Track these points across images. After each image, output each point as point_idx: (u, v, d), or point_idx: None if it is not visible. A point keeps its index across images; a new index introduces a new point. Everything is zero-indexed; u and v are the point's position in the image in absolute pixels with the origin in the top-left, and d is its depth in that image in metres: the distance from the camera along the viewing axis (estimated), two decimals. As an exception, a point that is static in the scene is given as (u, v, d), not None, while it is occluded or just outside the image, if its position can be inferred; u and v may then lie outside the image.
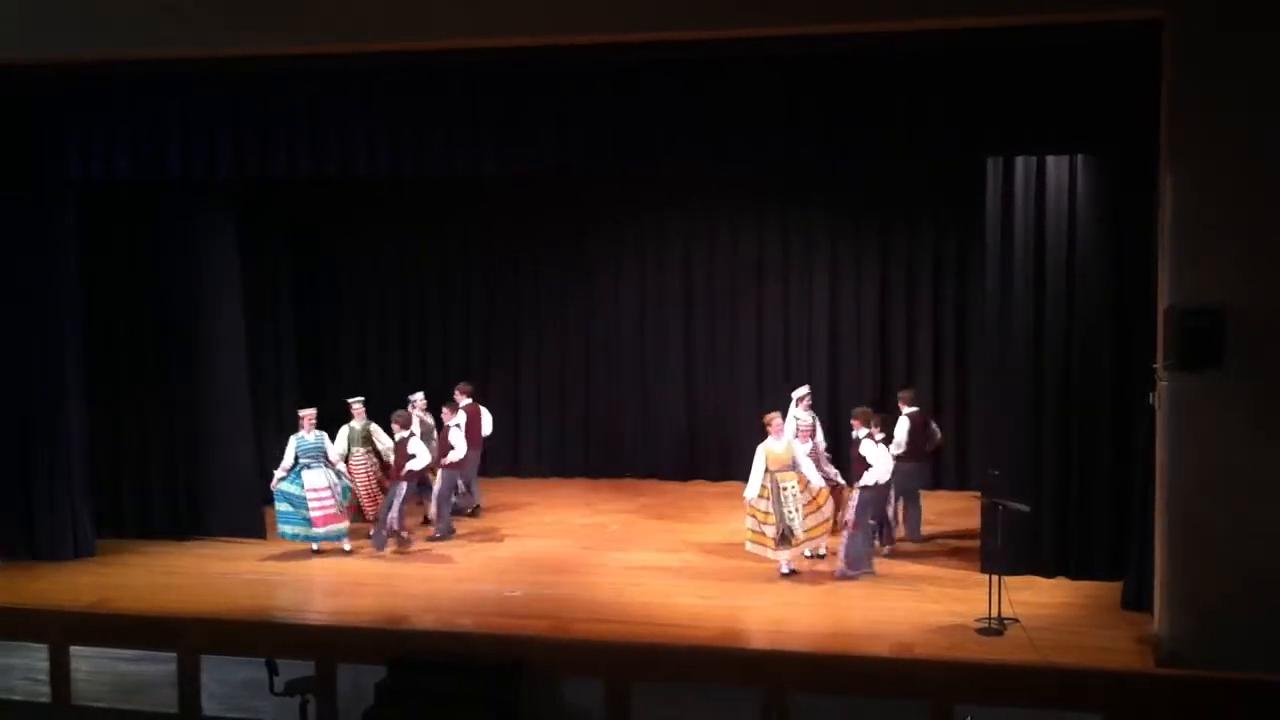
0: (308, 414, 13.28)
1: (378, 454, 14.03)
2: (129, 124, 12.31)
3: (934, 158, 12.93)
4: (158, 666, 10.87)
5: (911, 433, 13.09)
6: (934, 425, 13.86)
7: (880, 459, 12.01)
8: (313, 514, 12.95)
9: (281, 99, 11.96)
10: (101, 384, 13.68)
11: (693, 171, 14.93)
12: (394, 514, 13.05)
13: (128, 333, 13.87)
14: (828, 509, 12.19)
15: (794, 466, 12.00)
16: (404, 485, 13.17)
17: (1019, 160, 11.82)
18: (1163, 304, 9.71)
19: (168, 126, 12.17)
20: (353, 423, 14.02)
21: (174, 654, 10.83)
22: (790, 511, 11.86)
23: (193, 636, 10.86)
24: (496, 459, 17.06)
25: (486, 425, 14.73)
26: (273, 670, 9.84)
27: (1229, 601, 9.48)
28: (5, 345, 13.00)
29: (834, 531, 12.35)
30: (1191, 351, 9.43)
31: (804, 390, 13.86)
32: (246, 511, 13.90)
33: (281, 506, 13.04)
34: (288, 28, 10.81)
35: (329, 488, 13.03)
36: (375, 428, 14.10)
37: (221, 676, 10.75)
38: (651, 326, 17.03)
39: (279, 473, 13.03)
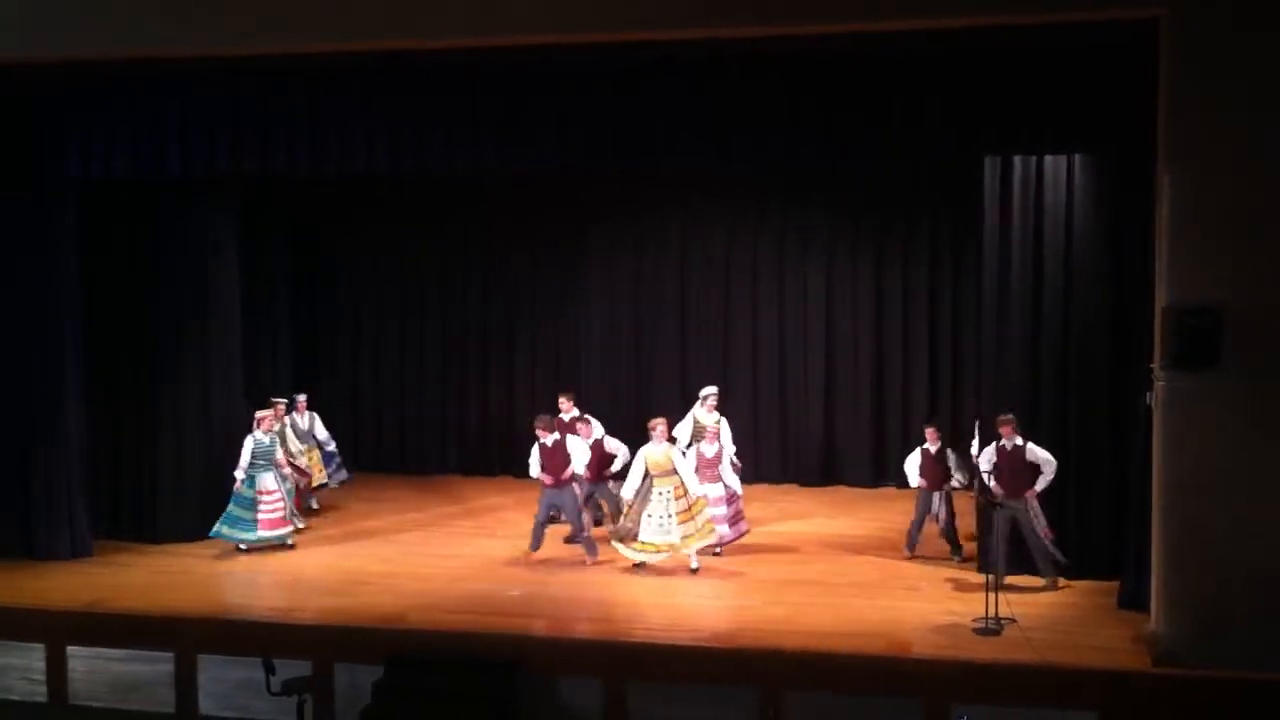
0: (265, 415, 13.31)
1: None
2: (128, 123, 12.30)
3: (932, 157, 12.94)
4: (154, 666, 10.86)
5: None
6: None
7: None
8: (260, 516, 13.03)
9: (281, 98, 11.95)
10: (101, 384, 13.69)
11: (692, 171, 14.93)
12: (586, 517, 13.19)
13: (128, 333, 13.86)
14: (702, 517, 12.15)
15: (673, 472, 12.16)
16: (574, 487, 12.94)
17: (1017, 160, 11.83)
18: (1160, 303, 9.70)
19: (167, 125, 12.16)
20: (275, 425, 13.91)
21: (171, 654, 10.83)
22: (661, 515, 12.05)
23: (190, 636, 10.85)
24: (496, 459, 17.12)
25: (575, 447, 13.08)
26: (269, 670, 9.82)
27: (1226, 601, 9.48)
28: (5, 345, 13.02)
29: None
30: (1189, 351, 9.42)
31: (711, 390, 13.87)
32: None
33: (230, 507, 13.09)
34: (287, 27, 10.80)
35: (277, 491, 13.11)
36: (288, 430, 14.24)
37: (218, 676, 10.74)
38: (650, 326, 17.02)
39: (239, 474, 13.05)
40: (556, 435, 12.82)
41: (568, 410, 13.93)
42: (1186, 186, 9.55)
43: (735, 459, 13.34)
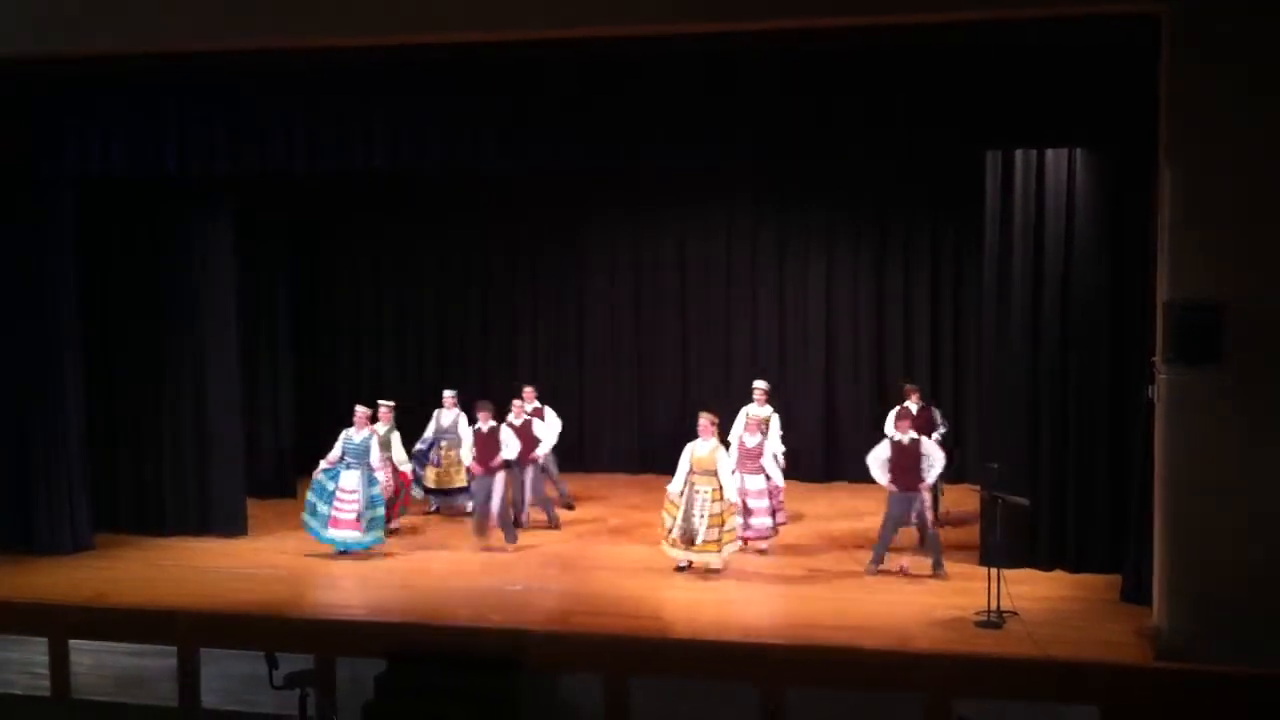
0: (362, 412, 13.03)
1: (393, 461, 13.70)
2: (126, 120, 12.25)
3: (933, 153, 12.95)
4: (157, 660, 10.87)
5: None
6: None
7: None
8: (333, 514, 12.66)
9: (279, 96, 11.93)
10: (99, 381, 13.70)
11: (692, 169, 14.95)
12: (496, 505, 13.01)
13: (126, 331, 13.86)
14: (728, 525, 11.89)
15: (714, 473, 11.90)
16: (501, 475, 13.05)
17: (1018, 155, 11.87)
18: (1161, 299, 9.73)
19: (165, 123, 12.11)
20: (378, 426, 13.56)
21: (173, 647, 10.83)
22: (697, 516, 11.81)
23: (192, 630, 10.85)
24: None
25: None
26: (272, 664, 9.82)
27: (1227, 595, 9.49)
28: (4, 343, 13.02)
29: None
30: (1189, 346, 9.45)
31: (761, 384, 13.97)
32: (233, 510, 13.87)
33: (309, 497, 12.79)
34: (286, 24, 10.80)
35: (356, 492, 12.66)
36: (395, 437, 13.84)
37: (221, 670, 10.74)
38: (649, 324, 17.07)
39: (323, 464, 12.80)
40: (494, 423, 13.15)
41: (530, 400, 14.29)
42: (1188, 182, 9.58)
43: (780, 455, 13.39)
